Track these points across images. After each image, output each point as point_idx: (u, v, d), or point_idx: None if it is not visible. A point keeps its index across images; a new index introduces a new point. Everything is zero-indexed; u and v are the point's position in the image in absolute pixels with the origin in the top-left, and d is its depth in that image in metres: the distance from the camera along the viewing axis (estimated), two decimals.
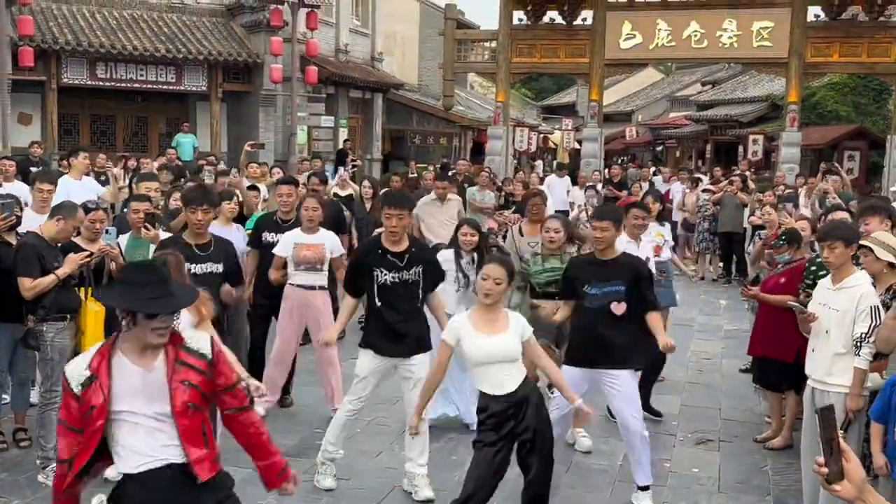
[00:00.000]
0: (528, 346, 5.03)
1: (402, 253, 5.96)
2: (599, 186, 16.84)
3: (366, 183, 12.11)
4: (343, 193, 12.87)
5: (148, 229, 6.99)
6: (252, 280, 7.77)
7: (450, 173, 16.35)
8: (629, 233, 7.42)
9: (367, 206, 11.48)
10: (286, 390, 7.88)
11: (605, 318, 5.81)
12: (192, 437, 3.46)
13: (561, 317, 6.25)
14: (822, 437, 2.20)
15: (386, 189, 11.89)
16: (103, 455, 3.47)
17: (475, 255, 7.17)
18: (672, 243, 9.50)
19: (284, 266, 7.43)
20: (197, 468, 3.44)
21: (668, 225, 9.95)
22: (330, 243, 7.48)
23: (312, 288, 7.38)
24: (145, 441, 3.42)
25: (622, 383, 5.87)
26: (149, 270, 3.70)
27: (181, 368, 3.46)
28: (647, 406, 7.21)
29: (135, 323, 3.37)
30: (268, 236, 7.75)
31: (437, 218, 10.55)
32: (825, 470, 2.18)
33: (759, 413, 7.79)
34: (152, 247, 6.89)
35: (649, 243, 7.96)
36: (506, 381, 4.92)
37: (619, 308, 5.80)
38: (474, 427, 5.57)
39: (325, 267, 7.42)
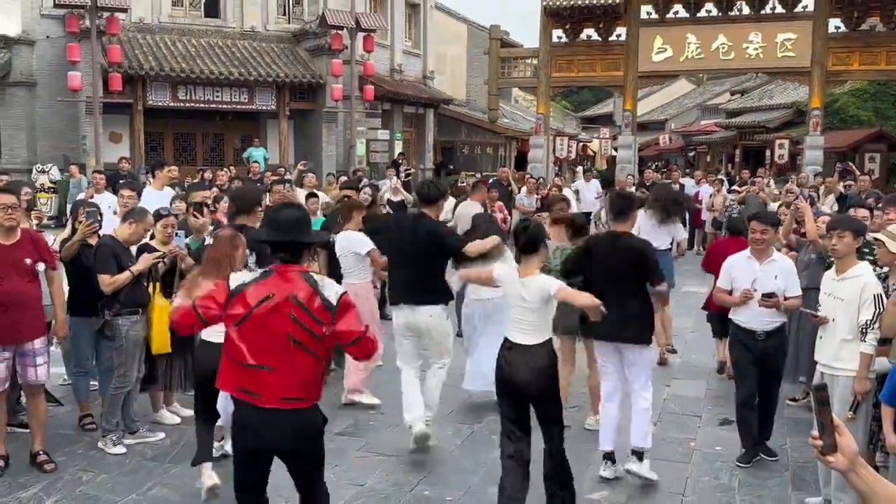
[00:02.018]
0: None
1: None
2: (632, 188, 16.73)
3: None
4: (395, 199, 12.96)
5: (196, 217, 7.18)
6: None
7: (490, 181, 16.34)
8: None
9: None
10: None
11: (616, 298, 5.67)
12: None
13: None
14: (816, 412, 2.21)
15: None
16: None
17: None
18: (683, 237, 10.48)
19: None
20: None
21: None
22: (360, 247, 7.55)
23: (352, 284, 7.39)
24: None
25: (635, 357, 5.92)
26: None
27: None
28: None
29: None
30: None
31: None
32: (819, 443, 2.18)
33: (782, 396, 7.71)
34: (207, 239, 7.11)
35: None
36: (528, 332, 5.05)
37: (626, 288, 5.81)
38: None
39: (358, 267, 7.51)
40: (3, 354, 5.63)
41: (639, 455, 5.90)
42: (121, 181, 12.38)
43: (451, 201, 11.52)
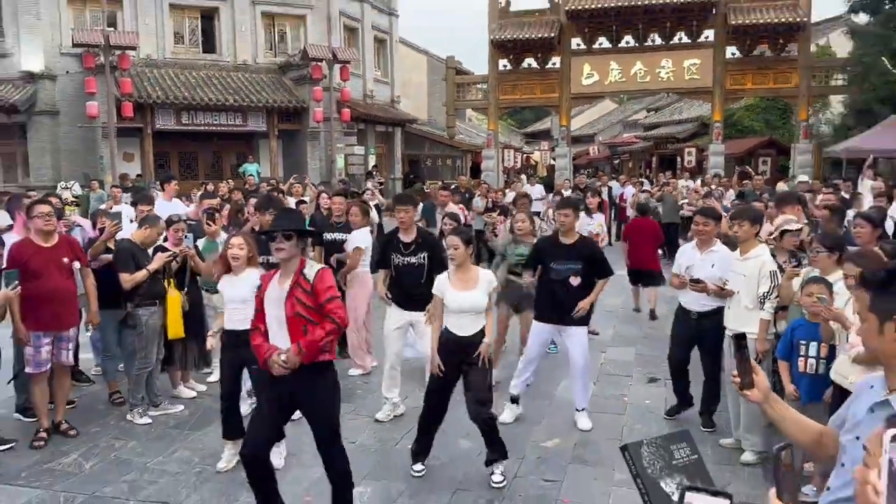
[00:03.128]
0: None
1: (412, 242, 6.15)
2: (569, 192, 16.86)
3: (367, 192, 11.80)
4: (372, 203, 12.92)
5: (210, 225, 7.16)
6: None
7: (451, 187, 16.36)
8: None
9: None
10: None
11: (565, 288, 5.92)
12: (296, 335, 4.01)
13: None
14: (736, 356, 2.29)
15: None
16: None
17: None
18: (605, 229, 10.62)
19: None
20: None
21: (600, 216, 10.57)
22: (363, 242, 7.57)
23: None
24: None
25: (577, 336, 6.04)
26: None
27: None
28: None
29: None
30: (328, 235, 7.86)
31: None
32: (738, 380, 2.29)
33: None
34: (219, 242, 7.06)
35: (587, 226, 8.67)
36: (465, 326, 5.00)
37: (575, 281, 5.92)
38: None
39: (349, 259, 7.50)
40: (45, 340, 5.58)
41: (579, 410, 6.13)
42: (130, 193, 12.35)
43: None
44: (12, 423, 6.12)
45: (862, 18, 22.91)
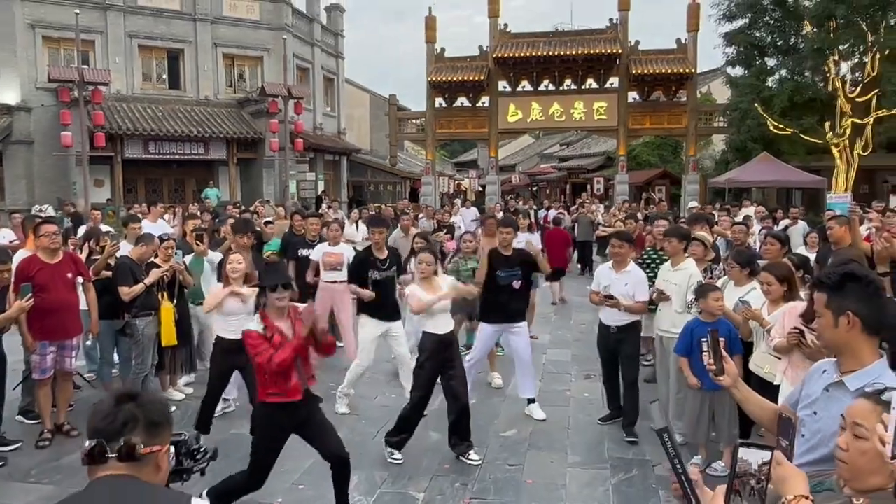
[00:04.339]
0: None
1: (385, 258, 6.17)
2: (500, 214, 17.08)
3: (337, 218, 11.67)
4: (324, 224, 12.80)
5: (199, 245, 7.02)
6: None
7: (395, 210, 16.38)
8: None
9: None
10: None
11: (509, 291, 6.02)
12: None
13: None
14: (711, 348, 2.40)
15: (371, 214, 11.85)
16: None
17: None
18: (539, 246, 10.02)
19: (317, 269, 7.50)
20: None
21: (536, 234, 10.71)
22: (348, 253, 7.53)
23: (335, 282, 7.35)
24: None
25: (521, 332, 6.14)
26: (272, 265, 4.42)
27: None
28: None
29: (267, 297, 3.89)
30: (302, 251, 7.74)
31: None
32: (714, 367, 2.40)
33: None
34: (206, 260, 6.94)
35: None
36: (441, 326, 5.08)
37: (517, 284, 6.04)
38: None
39: (344, 268, 7.39)
40: (50, 348, 5.36)
41: (531, 402, 6.20)
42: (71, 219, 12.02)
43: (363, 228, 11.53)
44: (16, 425, 5.81)
45: (737, 71, 23.99)
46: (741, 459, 1.58)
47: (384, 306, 6.11)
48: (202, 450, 2.07)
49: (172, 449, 1.88)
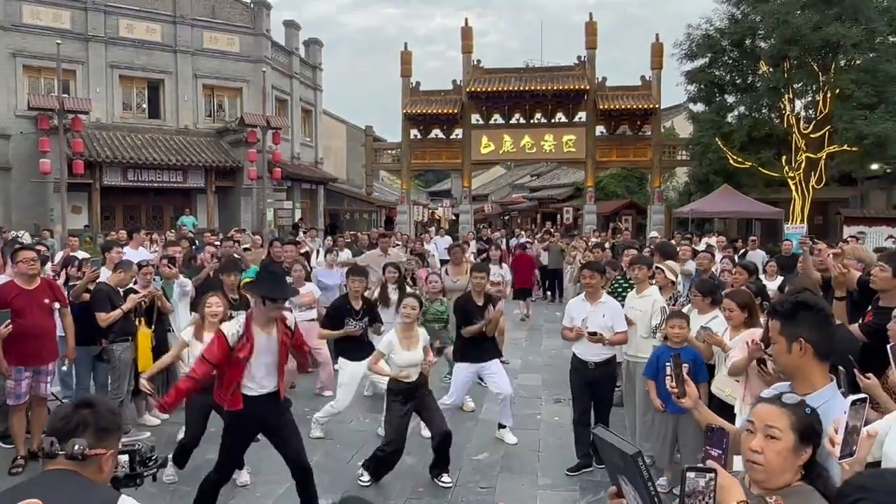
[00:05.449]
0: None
1: (360, 308, 6.15)
2: (473, 242, 17.17)
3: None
4: (302, 251, 12.71)
5: (169, 268, 7.00)
6: None
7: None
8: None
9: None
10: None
11: (482, 336, 5.95)
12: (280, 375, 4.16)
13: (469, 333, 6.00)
14: (674, 372, 2.45)
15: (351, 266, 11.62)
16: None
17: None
18: (509, 279, 10.31)
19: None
20: (280, 391, 4.16)
21: (506, 266, 10.55)
22: (316, 292, 7.50)
23: (312, 320, 7.22)
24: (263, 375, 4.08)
25: (496, 368, 6.09)
26: (274, 274, 4.45)
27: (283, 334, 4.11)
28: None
29: (264, 304, 3.97)
30: None
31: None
32: (676, 390, 2.45)
33: None
34: (175, 284, 6.97)
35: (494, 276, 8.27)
36: (412, 375, 5.07)
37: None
38: None
39: (315, 308, 7.38)
40: (25, 374, 5.25)
41: (502, 427, 6.22)
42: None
43: (346, 252, 11.52)
44: None
45: (699, 107, 24.54)
46: (690, 479, 1.63)
47: (361, 350, 6.06)
48: (154, 458, 2.25)
49: (126, 458, 2.12)
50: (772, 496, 1.79)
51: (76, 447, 1.87)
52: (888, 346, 3.07)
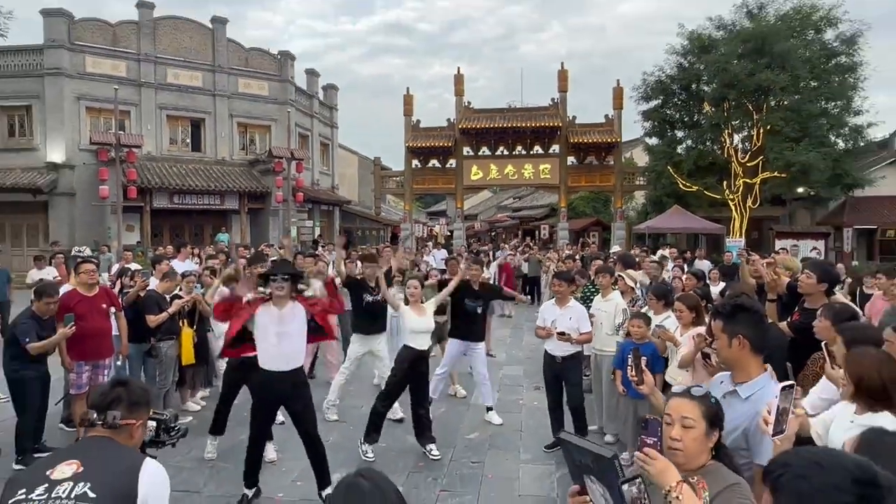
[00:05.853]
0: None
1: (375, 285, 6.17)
2: (465, 254, 17.09)
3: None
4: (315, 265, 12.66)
5: (211, 279, 7.01)
6: None
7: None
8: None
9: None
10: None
11: (473, 316, 6.06)
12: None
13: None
14: (633, 363, 2.43)
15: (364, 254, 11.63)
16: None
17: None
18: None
19: None
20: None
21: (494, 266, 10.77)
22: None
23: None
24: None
25: (479, 352, 6.15)
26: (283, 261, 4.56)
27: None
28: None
29: (267, 283, 4.00)
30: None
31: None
32: (636, 378, 2.44)
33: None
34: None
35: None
36: (422, 343, 5.11)
37: (479, 310, 6.11)
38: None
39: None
40: (85, 368, 5.22)
41: (489, 409, 6.18)
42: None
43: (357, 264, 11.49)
44: (58, 433, 5.61)
45: (653, 140, 24.65)
46: (625, 491, 1.55)
47: (374, 323, 6.12)
48: (177, 428, 2.26)
49: (154, 424, 2.16)
50: (692, 476, 1.76)
51: (111, 417, 1.90)
52: (822, 344, 3.01)
